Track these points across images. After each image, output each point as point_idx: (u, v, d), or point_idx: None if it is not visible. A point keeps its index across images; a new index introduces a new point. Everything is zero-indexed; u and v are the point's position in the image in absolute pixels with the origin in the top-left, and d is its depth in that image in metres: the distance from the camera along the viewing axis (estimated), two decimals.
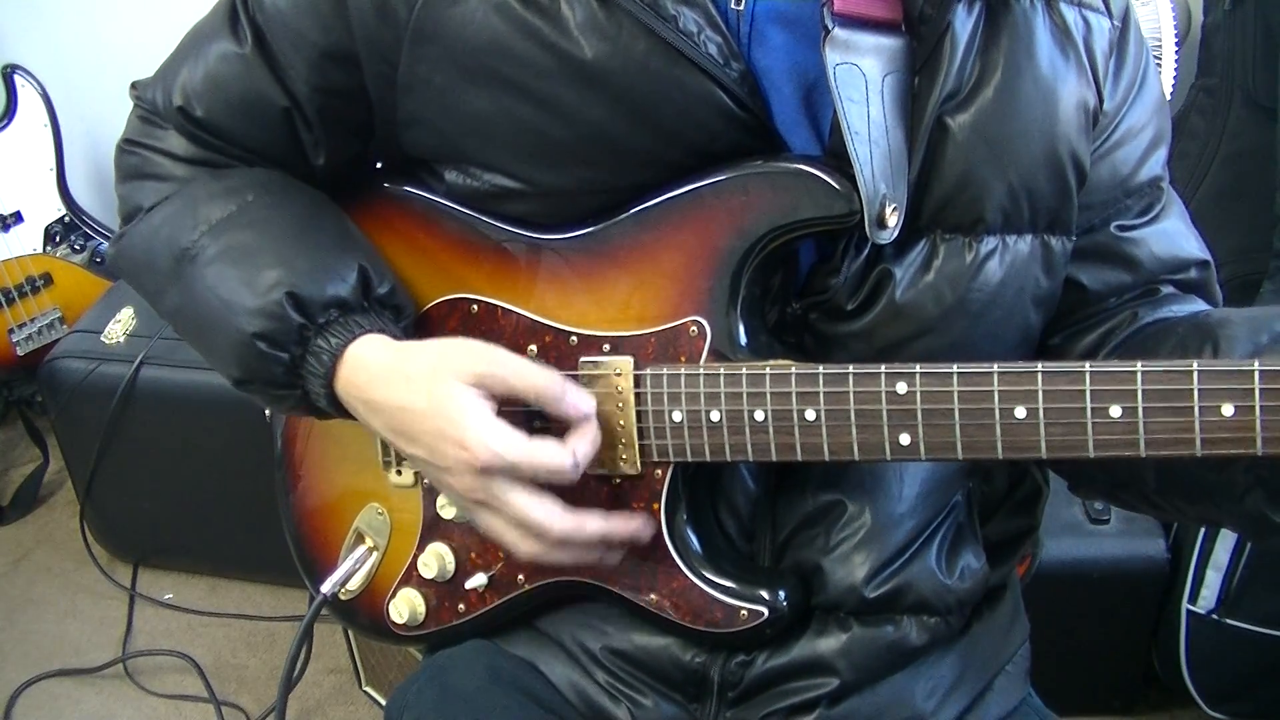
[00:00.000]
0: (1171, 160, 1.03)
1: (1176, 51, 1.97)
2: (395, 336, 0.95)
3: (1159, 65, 1.95)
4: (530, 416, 0.91)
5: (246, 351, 0.93)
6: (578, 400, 0.90)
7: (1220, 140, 2.01)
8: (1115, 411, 0.79)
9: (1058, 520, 1.80)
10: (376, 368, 0.92)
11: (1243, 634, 1.82)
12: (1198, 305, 1.00)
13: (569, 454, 0.88)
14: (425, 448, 0.89)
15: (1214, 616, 1.82)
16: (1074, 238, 0.96)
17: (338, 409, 0.95)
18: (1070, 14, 0.92)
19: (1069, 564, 1.78)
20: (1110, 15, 0.95)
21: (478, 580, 1.02)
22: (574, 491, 0.91)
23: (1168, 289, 1.00)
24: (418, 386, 0.89)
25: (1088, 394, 0.79)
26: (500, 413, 0.88)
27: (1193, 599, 1.82)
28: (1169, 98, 1.98)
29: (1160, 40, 1.96)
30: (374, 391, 0.92)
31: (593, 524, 0.91)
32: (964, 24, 0.89)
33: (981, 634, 1.05)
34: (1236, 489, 0.87)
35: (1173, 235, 1.01)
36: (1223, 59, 2.01)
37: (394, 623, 1.07)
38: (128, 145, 1.06)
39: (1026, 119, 0.90)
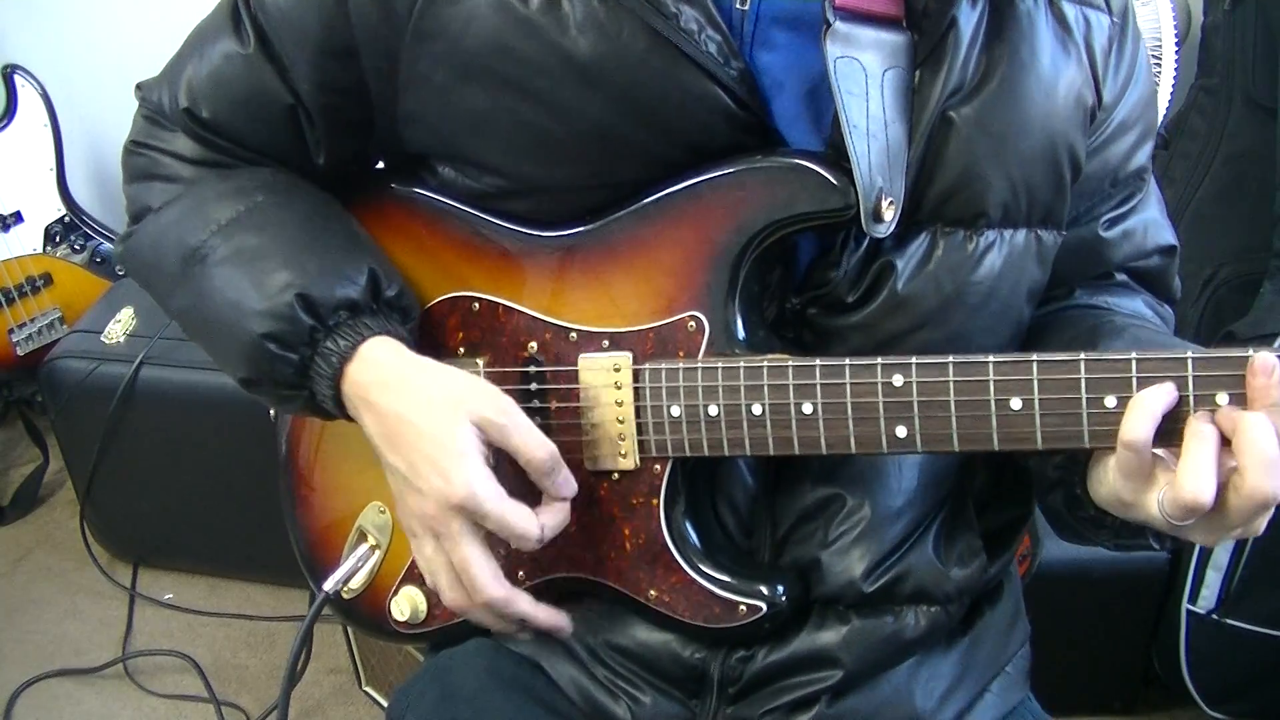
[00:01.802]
0: (1171, 161, 1.05)
1: (1176, 51, 1.97)
2: (402, 339, 0.95)
3: (1159, 65, 1.96)
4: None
5: (256, 353, 0.93)
6: (563, 482, 0.91)
7: (1220, 140, 2.01)
8: (1110, 402, 0.79)
9: None
10: (385, 372, 0.92)
11: (1243, 634, 1.82)
12: (1136, 303, 1.03)
13: (538, 526, 0.89)
14: (408, 463, 0.89)
15: (1214, 616, 1.82)
16: (1064, 231, 0.97)
17: (343, 411, 0.96)
18: (1071, 10, 0.93)
19: (1069, 564, 1.78)
20: (1110, 13, 0.96)
21: None
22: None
23: (1121, 276, 1.03)
24: (426, 406, 0.89)
25: (1083, 384, 0.80)
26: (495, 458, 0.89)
27: (1193, 599, 1.82)
28: (1169, 98, 1.99)
29: (1160, 40, 1.96)
30: (378, 394, 0.92)
31: (521, 603, 0.92)
32: (969, 19, 0.89)
33: (982, 634, 1.05)
34: (1046, 483, 0.92)
35: (1148, 225, 1.04)
36: (1223, 59, 2.01)
37: (396, 621, 1.07)
38: (135, 147, 1.06)
39: (1029, 113, 0.91)
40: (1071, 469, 0.89)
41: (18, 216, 2.54)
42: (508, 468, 0.90)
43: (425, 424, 0.88)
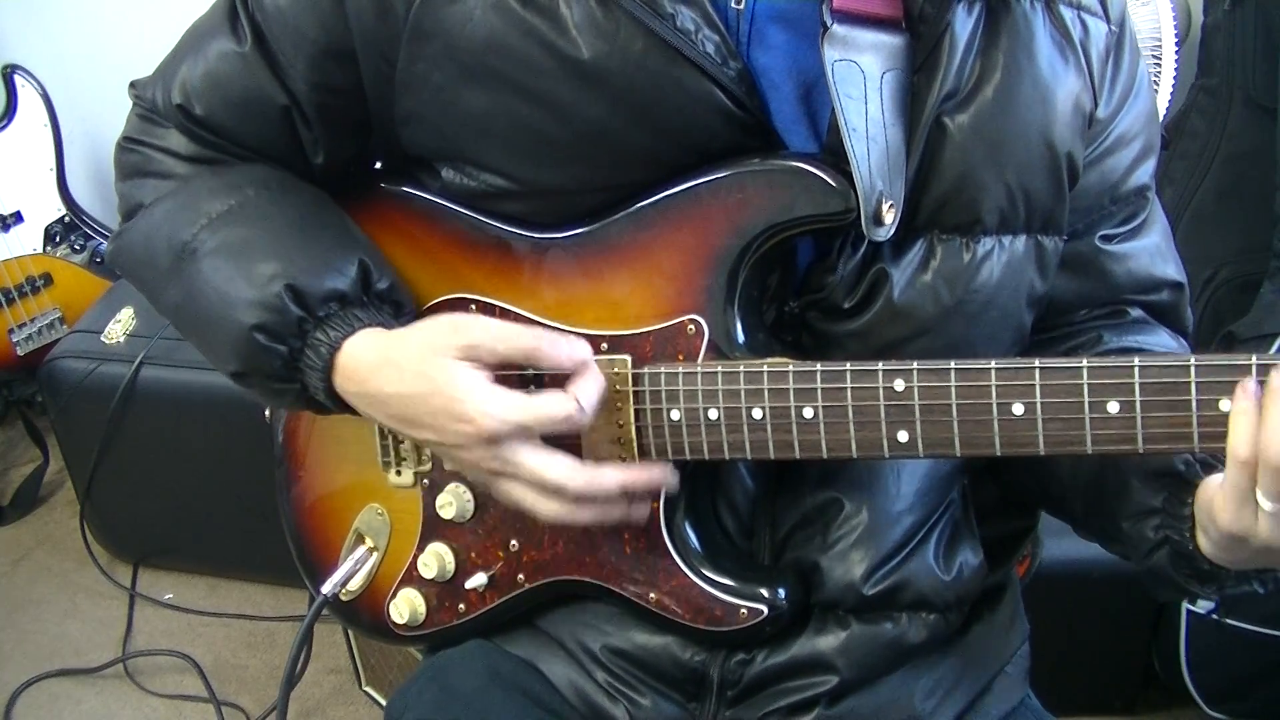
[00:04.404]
0: (1171, 161, 1.04)
1: (1176, 51, 1.97)
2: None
3: (1159, 65, 1.95)
4: (528, 379, 0.91)
5: (245, 344, 0.93)
6: (570, 349, 0.89)
7: (1220, 140, 2.01)
8: (1113, 407, 0.79)
9: (1058, 520, 1.80)
10: (369, 360, 0.92)
11: (1243, 634, 1.81)
12: (1162, 337, 1.01)
13: (572, 399, 0.87)
14: (432, 429, 0.89)
15: (1214, 616, 1.82)
16: (1065, 238, 0.96)
17: (336, 403, 0.95)
18: (1068, 14, 0.93)
19: (1069, 564, 1.78)
20: (1108, 20, 0.95)
21: (478, 580, 1.02)
22: None
23: (1136, 312, 1.01)
24: (410, 371, 0.89)
25: (1085, 389, 0.79)
26: (499, 380, 0.88)
27: (1192, 599, 1.82)
28: (1169, 98, 1.99)
29: (1160, 40, 1.95)
30: (371, 384, 0.92)
31: (610, 475, 0.90)
32: (964, 24, 0.89)
33: (981, 635, 1.05)
34: (1146, 545, 0.89)
35: (1152, 254, 1.02)
36: (1223, 59, 2.01)
37: (395, 623, 1.07)
38: (128, 143, 1.06)
39: (1025, 119, 0.91)
40: (1178, 527, 0.86)
41: (18, 216, 2.54)
42: (513, 381, 0.89)
43: (420, 387, 0.88)
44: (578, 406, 0.87)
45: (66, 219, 2.62)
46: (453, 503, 1.02)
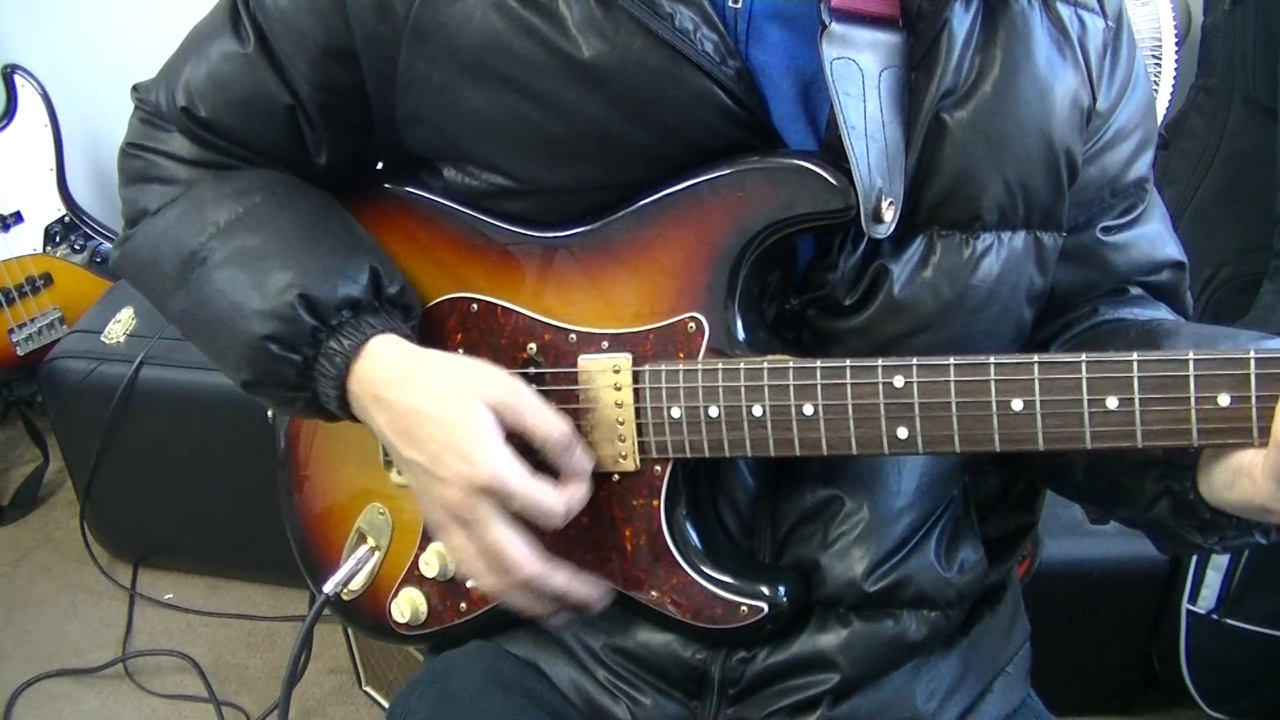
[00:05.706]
0: (1171, 161, 1.04)
1: (1176, 51, 1.97)
2: (406, 336, 0.95)
3: (1159, 65, 1.96)
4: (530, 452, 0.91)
5: (258, 354, 0.93)
6: (580, 458, 0.91)
7: (1220, 140, 2.01)
8: (1112, 403, 0.79)
9: (1058, 520, 1.81)
10: (393, 368, 0.92)
11: (1243, 634, 1.82)
12: (1159, 311, 1.02)
13: (562, 502, 0.89)
14: (428, 454, 0.88)
15: (1214, 616, 1.82)
16: (1064, 234, 0.96)
17: (345, 410, 0.95)
18: (1066, 11, 0.93)
19: (1069, 564, 1.79)
20: (1105, 15, 0.96)
21: None
22: None
23: (1135, 290, 1.02)
24: (440, 396, 0.89)
25: (1084, 385, 0.80)
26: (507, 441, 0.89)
27: (1193, 599, 1.82)
28: (1169, 98, 1.99)
29: (1160, 40, 1.96)
30: (387, 390, 0.91)
31: (559, 578, 0.91)
32: (961, 21, 0.89)
33: (982, 635, 1.06)
34: (1146, 497, 0.89)
35: (1152, 239, 1.02)
36: (1223, 59, 2.01)
37: (396, 622, 1.07)
38: (131, 149, 1.06)
39: (1024, 116, 0.91)
40: (1178, 477, 0.86)
41: (18, 216, 2.54)
42: (519, 449, 0.89)
43: (442, 413, 0.88)
44: (564, 510, 0.89)
45: (66, 219, 2.62)
46: None
